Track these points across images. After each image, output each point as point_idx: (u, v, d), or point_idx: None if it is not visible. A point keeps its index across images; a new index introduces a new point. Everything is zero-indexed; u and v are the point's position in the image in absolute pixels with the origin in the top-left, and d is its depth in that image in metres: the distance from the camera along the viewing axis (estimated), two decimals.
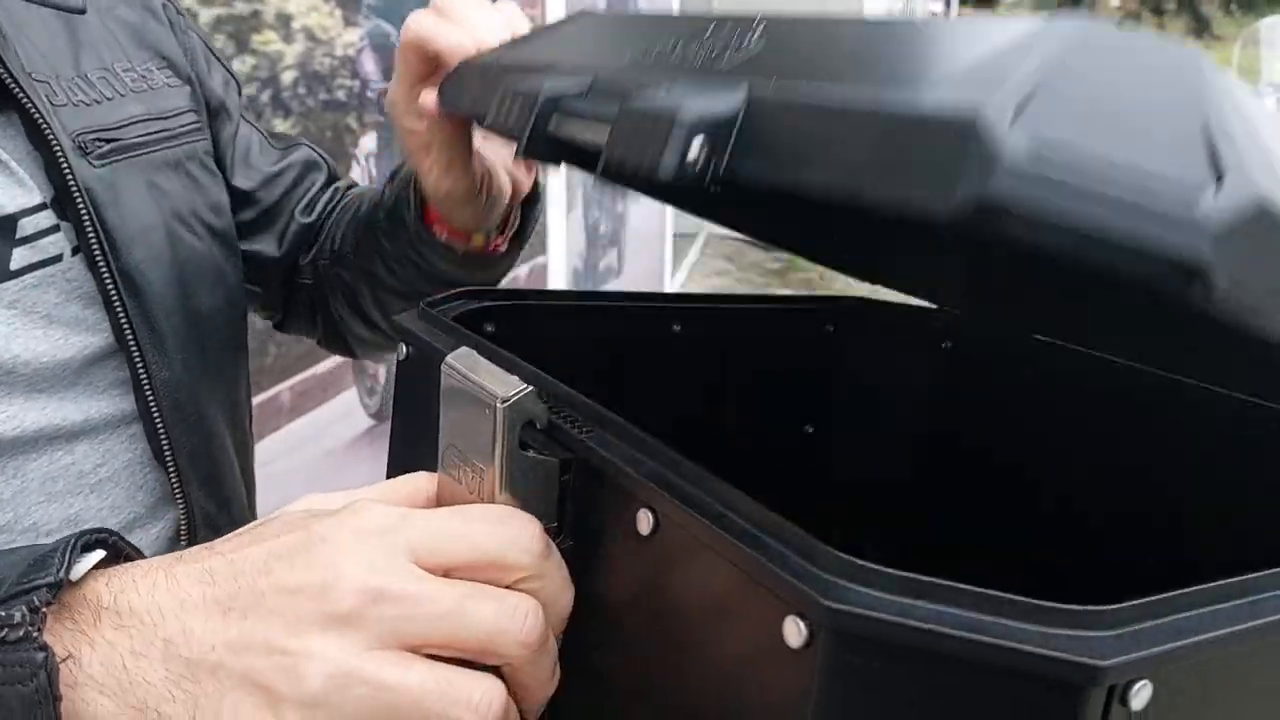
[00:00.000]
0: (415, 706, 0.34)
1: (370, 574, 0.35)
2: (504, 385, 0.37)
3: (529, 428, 0.37)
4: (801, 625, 0.29)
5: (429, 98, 0.64)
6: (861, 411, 0.75)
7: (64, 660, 0.35)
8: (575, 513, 0.39)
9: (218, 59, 0.81)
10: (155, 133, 0.70)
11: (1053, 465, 0.65)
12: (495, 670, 0.36)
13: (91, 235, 0.63)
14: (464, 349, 0.40)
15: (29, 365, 0.61)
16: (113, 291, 0.64)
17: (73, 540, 0.37)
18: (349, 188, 0.89)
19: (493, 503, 0.38)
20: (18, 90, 0.61)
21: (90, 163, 0.64)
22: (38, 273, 0.61)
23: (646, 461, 0.36)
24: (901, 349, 0.73)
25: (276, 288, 0.86)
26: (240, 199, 0.81)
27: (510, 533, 0.37)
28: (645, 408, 0.65)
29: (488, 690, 0.35)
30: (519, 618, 0.36)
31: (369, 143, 2.32)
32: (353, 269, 0.82)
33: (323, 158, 0.88)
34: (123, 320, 0.65)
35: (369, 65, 2.33)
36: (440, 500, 0.41)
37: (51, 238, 0.62)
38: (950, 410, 0.72)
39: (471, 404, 0.39)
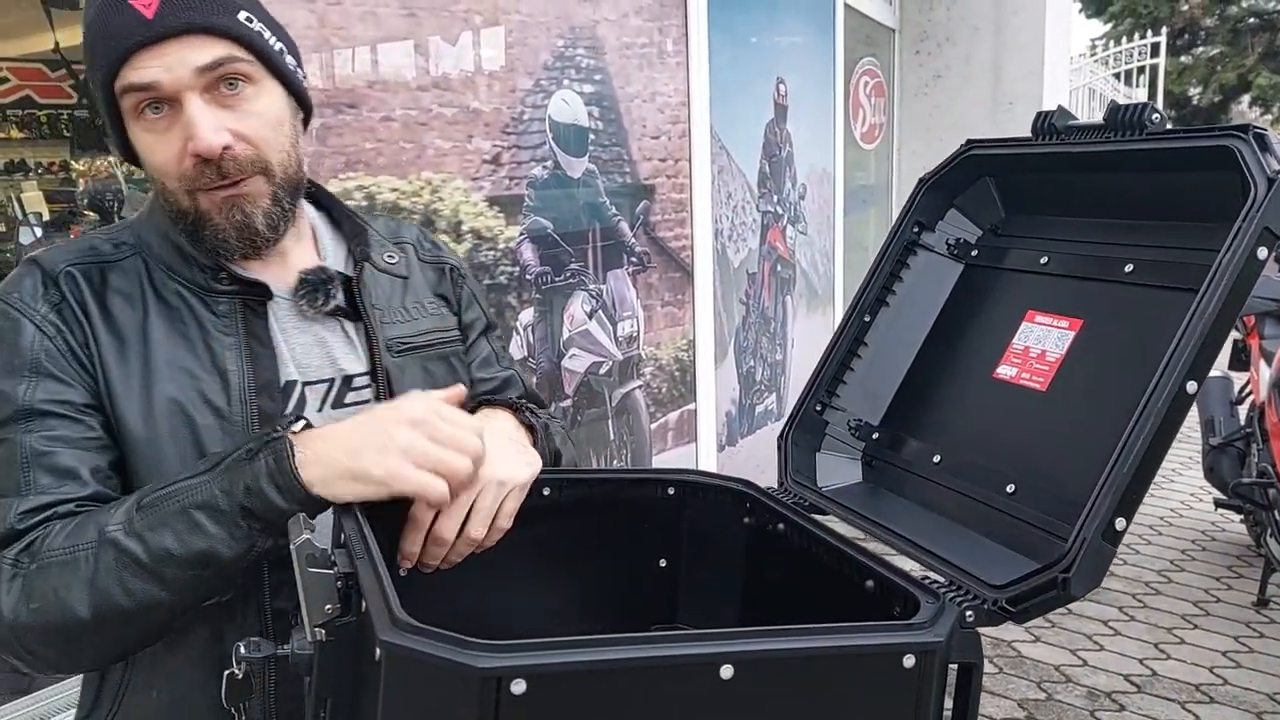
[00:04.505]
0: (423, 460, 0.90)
1: (415, 414, 0.93)
2: (298, 536, 0.75)
3: (310, 558, 0.75)
4: (378, 649, 0.64)
5: None
6: (697, 547, 1.07)
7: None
8: (355, 600, 0.75)
9: (479, 304, 1.35)
10: (437, 339, 1.25)
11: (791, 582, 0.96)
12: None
13: (383, 392, 1.17)
14: (301, 516, 0.78)
15: None
16: None
17: (301, 418, 0.98)
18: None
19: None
20: (365, 315, 1.17)
21: (391, 355, 1.18)
22: (355, 406, 1.17)
23: (365, 575, 0.73)
24: (717, 508, 1.06)
25: None
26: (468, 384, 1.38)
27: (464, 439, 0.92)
28: (530, 550, 1.01)
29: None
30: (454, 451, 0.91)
31: (526, 316, 2.80)
32: None
33: (519, 377, 1.38)
34: None
35: (527, 254, 2.82)
36: None
37: (365, 391, 1.18)
38: (754, 542, 1.04)
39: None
